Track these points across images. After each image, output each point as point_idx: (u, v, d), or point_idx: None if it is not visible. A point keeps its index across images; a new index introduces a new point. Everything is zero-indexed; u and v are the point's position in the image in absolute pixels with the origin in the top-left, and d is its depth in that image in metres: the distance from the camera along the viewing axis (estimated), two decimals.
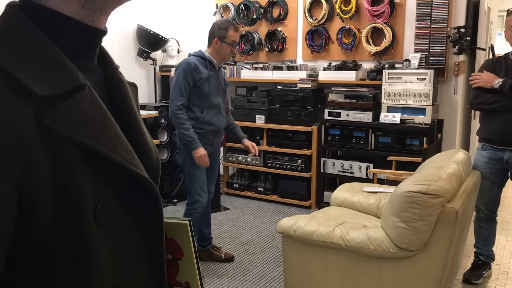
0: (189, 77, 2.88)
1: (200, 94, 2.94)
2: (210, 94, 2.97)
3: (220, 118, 3.08)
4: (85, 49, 0.69)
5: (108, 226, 0.64)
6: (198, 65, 2.92)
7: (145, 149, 0.75)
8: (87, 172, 0.61)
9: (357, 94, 4.22)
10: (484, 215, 3.04)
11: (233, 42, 2.99)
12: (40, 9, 0.63)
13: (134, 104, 0.77)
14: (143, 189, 0.69)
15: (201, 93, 2.94)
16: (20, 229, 0.56)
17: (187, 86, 2.88)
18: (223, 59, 3.07)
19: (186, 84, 2.88)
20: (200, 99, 2.95)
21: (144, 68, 5.07)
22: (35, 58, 0.60)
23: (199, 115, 2.96)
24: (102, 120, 0.64)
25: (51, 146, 0.58)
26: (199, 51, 3.02)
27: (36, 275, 0.59)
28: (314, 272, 2.44)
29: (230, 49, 2.99)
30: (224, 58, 3.05)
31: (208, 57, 2.98)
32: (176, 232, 0.82)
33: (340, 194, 3.18)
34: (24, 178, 0.55)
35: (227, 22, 3.04)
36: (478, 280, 3.01)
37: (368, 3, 4.28)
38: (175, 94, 2.89)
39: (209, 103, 2.98)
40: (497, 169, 2.93)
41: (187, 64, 2.90)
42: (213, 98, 3.00)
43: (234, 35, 2.99)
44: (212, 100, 2.99)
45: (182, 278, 0.84)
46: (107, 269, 0.64)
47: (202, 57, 2.97)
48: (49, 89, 0.59)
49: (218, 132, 3.12)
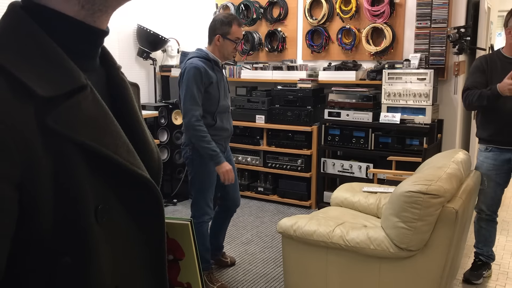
0: (200, 84, 2.62)
1: (210, 99, 2.70)
2: (220, 98, 2.75)
3: (230, 121, 2.90)
4: (87, 49, 0.69)
5: (110, 227, 0.64)
6: (206, 68, 2.65)
7: (146, 150, 0.75)
8: (89, 173, 0.61)
9: (357, 94, 4.22)
10: (486, 216, 3.03)
11: (237, 39, 2.73)
12: (42, 9, 0.63)
13: (136, 105, 0.77)
14: (145, 189, 0.69)
15: (212, 98, 2.71)
16: (21, 229, 0.56)
17: (200, 94, 2.63)
18: (226, 58, 2.79)
19: (198, 92, 2.62)
20: (211, 104, 2.71)
21: (144, 68, 5.07)
22: (37, 58, 0.60)
23: (212, 122, 2.73)
24: (103, 121, 0.64)
25: (53, 146, 0.58)
26: (199, 50, 2.74)
27: (37, 275, 0.59)
28: (314, 272, 2.44)
29: (233, 46, 2.74)
30: (227, 57, 2.79)
31: (213, 57, 2.72)
32: (178, 232, 0.82)
33: (340, 194, 3.18)
34: (25, 178, 0.55)
35: (230, 16, 2.74)
36: (478, 280, 3.01)
37: (368, 3, 4.28)
38: (188, 103, 2.61)
39: (220, 108, 2.76)
40: (503, 170, 2.91)
41: (195, 69, 2.61)
42: (223, 102, 2.79)
43: (238, 31, 2.72)
44: (223, 104, 2.78)
45: (184, 279, 0.84)
46: (108, 269, 0.64)
47: (206, 58, 2.69)
48: (50, 90, 0.59)
49: (229, 137, 2.94)
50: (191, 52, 2.77)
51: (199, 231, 2.83)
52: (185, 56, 2.86)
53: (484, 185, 2.95)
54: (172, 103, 4.64)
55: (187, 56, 2.75)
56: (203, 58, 2.69)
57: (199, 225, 2.82)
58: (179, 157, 4.71)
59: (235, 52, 2.81)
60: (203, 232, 2.85)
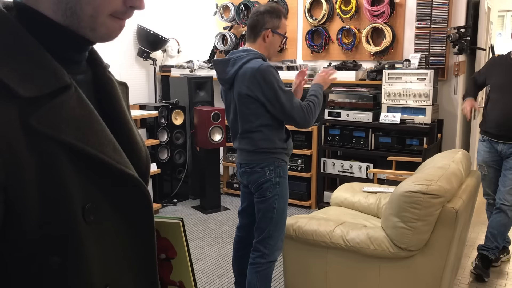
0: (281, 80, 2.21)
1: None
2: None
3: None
4: (72, 54, 0.68)
5: (98, 225, 0.64)
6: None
7: (134, 148, 0.75)
8: (75, 172, 0.61)
9: (357, 94, 4.22)
10: (494, 200, 3.19)
11: (285, 34, 2.34)
12: (28, 10, 0.64)
13: (124, 104, 0.76)
14: (133, 188, 0.69)
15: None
16: (8, 229, 0.57)
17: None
18: (270, 57, 2.34)
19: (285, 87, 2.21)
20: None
21: (144, 68, 5.07)
22: (20, 58, 0.60)
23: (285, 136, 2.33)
24: (88, 120, 0.64)
25: (37, 146, 0.58)
26: (249, 50, 2.25)
27: (26, 274, 0.59)
28: (314, 272, 2.44)
29: (280, 42, 2.33)
30: (272, 55, 2.35)
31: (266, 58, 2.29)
32: (169, 231, 0.82)
33: (340, 194, 3.18)
34: (9, 179, 0.55)
35: (277, 7, 2.31)
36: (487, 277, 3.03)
37: (368, 3, 4.28)
38: (289, 101, 2.17)
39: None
40: (496, 157, 3.16)
41: (270, 67, 2.17)
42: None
43: (286, 24, 2.32)
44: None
45: (176, 278, 0.84)
46: (97, 267, 0.64)
47: (263, 58, 2.25)
48: (33, 90, 0.59)
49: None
50: (241, 54, 2.25)
51: (267, 273, 2.33)
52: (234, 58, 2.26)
53: (485, 171, 3.21)
54: (172, 103, 4.64)
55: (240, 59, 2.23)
56: (261, 58, 2.24)
57: (268, 266, 2.32)
58: (179, 157, 4.71)
59: (278, 50, 2.45)
60: (269, 274, 2.34)
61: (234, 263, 2.61)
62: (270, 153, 2.26)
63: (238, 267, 2.57)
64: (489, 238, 3.09)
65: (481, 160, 3.23)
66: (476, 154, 3.33)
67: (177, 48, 5.22)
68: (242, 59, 2.22)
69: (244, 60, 2.21)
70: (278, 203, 2.28)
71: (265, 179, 2.26)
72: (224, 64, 2.29)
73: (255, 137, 2.25)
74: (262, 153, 2.26)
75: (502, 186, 3.06)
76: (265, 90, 2.15)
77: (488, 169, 3.20)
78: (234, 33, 5.07)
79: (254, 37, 2.27)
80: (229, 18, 4.97)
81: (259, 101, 2.19)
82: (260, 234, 2.32)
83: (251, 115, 2.23)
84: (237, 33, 5.09)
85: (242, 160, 2.34)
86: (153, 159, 4.37)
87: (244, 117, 2.25)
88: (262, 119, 2.23)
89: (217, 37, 5.09)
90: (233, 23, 5.05)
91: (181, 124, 4.69)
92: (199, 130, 4.35)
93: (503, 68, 3.09)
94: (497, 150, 3.14)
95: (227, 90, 2.32)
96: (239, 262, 2.54)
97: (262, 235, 2.31)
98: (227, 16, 5.00)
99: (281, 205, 2.30)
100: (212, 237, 3.82)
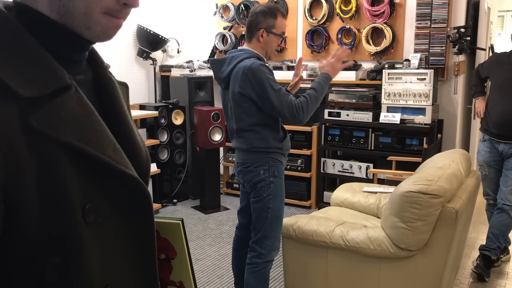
0: (274, 77, 2.21)
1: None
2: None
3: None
4: (71, 54, 0.68)
5: (98, 226, 0.64)
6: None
7: (134, 149, 0.75)
8: (75, 172, 0.61)
9: (357, 94, 4.22)
10: (494, 200, 3.19)
11: (283, 33, 2.30)
12: (28, 9, 0.63)
13: (124, 104, 0.76)
14: (133, 188, 0.69)
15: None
16: (8, 229, 0.57)
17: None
18: (268, 57, 2.33)
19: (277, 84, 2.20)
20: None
21: (144, 68, 5.06)
22: (21, 59, 0.60)
23: (281, 135, 2.32)
24: (89, 120, 0.64)
25: (37, 146, 0.58)
26: (244, 49, 2.26)
27: (27, 274, 0.59)
28: (314, 272, 2.44)
29: (278, 42, 2.29)
30: (270, 55, 2.32)
31: (263, 57, 2.29)
32: (169, 232, 0.82)
33: (340, 194, 3.18)
34: (9, 179, 0.55)
35: (273, 6, 2.28)
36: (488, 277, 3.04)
37: (368, 3, 4.28)
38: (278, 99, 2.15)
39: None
40: (497, 157, 3.16)
41: (261, 65, 2.16)
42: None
43: (283, 23, 2.28)
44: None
45: (176, 278, 0.84)
46: (97, 268, 0.64)
47: (258, 58, 2.25)
48: (33, 90, 0.58)
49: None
50: (237, 54, 2.26)
51: (263, 273, 2.34)
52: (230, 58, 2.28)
53: (485, 171, 3.21)
54: (172, 103, 4.64)
55: (235, 58, 2.24)
56: (255, 57, 2.23)
57: (265, 265, 2.33)
58: (179, 157, 4.71)
59: (278, 49, 2.40)
60: (266, 274, 2.35)
61: (234, 263, 2.61)
62: (264, 152, 2.26)
63: (237, 267, 2.57)
64: (491, 238, 3.08)
65: (482, 160, 3.23)
66: (477, 154, 3.33)
67: (177, 48, 5.22)
68: (237, 59, 2.23)
69: (238, 59, 2.22)
70: (273, 203, 2.28)
71: (259, 178, 2.27)
72: (220, 64, 2.30)
73: (249, 136, 2.26)
74: (257, 153, 2.27)
75: (504, 186, 3.06)
76: (256, 88, 2.16)
77: (489, 169, 3.20)
78: (234, 33, 5.07)
79: (250, 37, 2.28)
80: (229, 18, 4.97)
81: (251, 100, 2.19)
82: (256, 234, 2.33)
83: (243, 113, 2.24)
84: (237, 33, 5.09)
85: (238, 159, 2.35)
86: (153, 159, 4.37)
87: (237, 116, 2.26)
88: (254, 118, 2.23)
89: (217, 37, 5.09)
90: (233, 23, 5.05)
91: (181, 124, 4.69)
92: (199, 130, 4.35)
93: (504, 67, 3.09)
94: (498, 150, 3.14)
95: (224, 90, 2.33)
96: (239, 261, 2.54)
97: (258, 235, 2.31)
98: (227, 16, 5.00)
99: (276, 205, 2.29)
100: (212, 237, 3.82)
